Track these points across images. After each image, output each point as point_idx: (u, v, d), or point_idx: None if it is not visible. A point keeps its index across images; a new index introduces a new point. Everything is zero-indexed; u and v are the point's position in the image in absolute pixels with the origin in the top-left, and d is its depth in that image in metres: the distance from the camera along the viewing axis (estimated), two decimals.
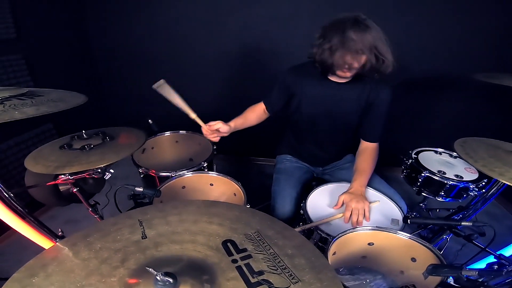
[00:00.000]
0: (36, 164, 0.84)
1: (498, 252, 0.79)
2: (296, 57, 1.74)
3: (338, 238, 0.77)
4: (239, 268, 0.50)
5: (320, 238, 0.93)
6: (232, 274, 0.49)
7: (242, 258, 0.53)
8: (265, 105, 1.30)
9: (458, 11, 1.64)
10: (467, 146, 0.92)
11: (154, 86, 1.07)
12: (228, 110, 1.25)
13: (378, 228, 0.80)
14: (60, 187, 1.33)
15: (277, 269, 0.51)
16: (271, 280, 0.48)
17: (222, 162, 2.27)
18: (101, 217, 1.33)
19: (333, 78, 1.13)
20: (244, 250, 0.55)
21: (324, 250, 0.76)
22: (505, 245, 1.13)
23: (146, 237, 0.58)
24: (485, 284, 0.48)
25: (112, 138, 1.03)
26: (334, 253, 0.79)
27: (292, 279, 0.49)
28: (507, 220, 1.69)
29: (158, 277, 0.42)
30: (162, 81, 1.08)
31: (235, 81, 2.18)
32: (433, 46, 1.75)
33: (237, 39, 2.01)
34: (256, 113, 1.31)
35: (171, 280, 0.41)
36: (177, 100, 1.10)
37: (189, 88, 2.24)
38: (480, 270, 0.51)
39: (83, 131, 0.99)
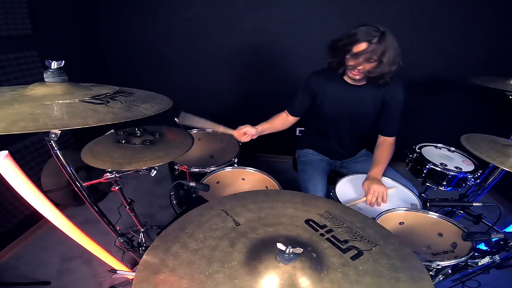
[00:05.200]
0: (104, 162, 0.87)
1: (503, 230, 0.96)
2: (308, 59, 1.87)
3: (377, 218, 0.91)
4: (328, 240, 0.62)
5: None
6: (326, 245, 0.60)
7: (327, 232, 0.64)
8: (290, 114, 1.43)
9: (456, 19, 1.89)
10: (471, 140, 1.10)
11: (178, 121, 1.14)
12: (239, 109, 1.32)
13: (412, 209, 0.95)
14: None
15: (357, 237, 0.63)
16: (356, 246, 0.60)
17: None
18: (136, 216, 1.37)
19: (349, 81, 1.28)
20: (325, 226, 0.67)
21: None
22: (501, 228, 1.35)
23: (239, 224, 0.66)
24: (509, 245, 0.64)
25: (161, 135, 1.09)
26: None
27: (370, 244, 0.62)
28: (495, 209, 1.96)
29: (287, 251, 0.50)
30: (182, 113, 1.14)
31: (247, 80, 2.28)
32: (432, 51, 1.98)
33: (250, 40, 2.11)
34: (280, 120, 1.44)
35: (297, 251, 0.50)
36: (202, 123, 1.18)
37: (201, 87, 2.33)
38: (505, 232, 0.66)
39: (136, 128, 1.04)
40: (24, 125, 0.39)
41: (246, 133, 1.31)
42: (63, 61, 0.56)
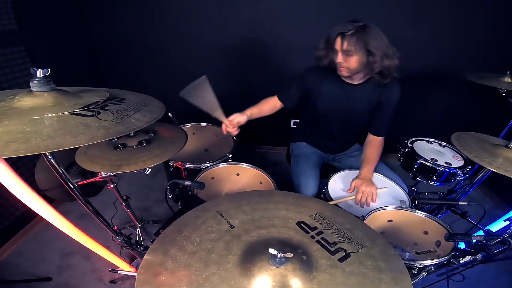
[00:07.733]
0: (102, 166, 0.87)
1: (486, 228, 1.01)
2: (302, 51, 1.83)
3: (368, 216, 0.95)
4: (318, 242, 0.64)
5: None
6: (316, 247, 0.63)
7: (317, 234, 0.67)
8: (280, 100, 1.41)
9: (450, 16, 1.88)
10: (461, 139, 1.12)
11: (195, 83, 1.10)
12: (233, 102, 1.28)
13: (400, 207, 0.99)
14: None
15: (345, 239, 0.66)
16: (344, 248, 0.63)
17: None
18: (132, 212, 1.39)
19: (345, 79, 1.28)
20: (315, 228, 0.69)
21: None
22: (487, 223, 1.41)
23: (234, 226, 0.67)
24: (488, 246, 0.67)
25: (155, 133, 1.08)
26: None
27: (358, 245, 0.65)
28: (486, 204, 2.01)
29: (278, 255, 0.52)
30: (204, 77, 1.12)
31: (241, 74, 2.25)
32: (427, 45, 1.97)
33: (244, 33, 2.07)
34: (270, 105, 1.42)
35: (288, 256, 0.52)
36: (205, 102, 1.13)
37: (194, 79, 2.28)
38: (485, 234, 0.70)
39: None
40: (16, 147, 0.39)
41: (239, 123, 1.27)
42: (49, 70, 0.55)
